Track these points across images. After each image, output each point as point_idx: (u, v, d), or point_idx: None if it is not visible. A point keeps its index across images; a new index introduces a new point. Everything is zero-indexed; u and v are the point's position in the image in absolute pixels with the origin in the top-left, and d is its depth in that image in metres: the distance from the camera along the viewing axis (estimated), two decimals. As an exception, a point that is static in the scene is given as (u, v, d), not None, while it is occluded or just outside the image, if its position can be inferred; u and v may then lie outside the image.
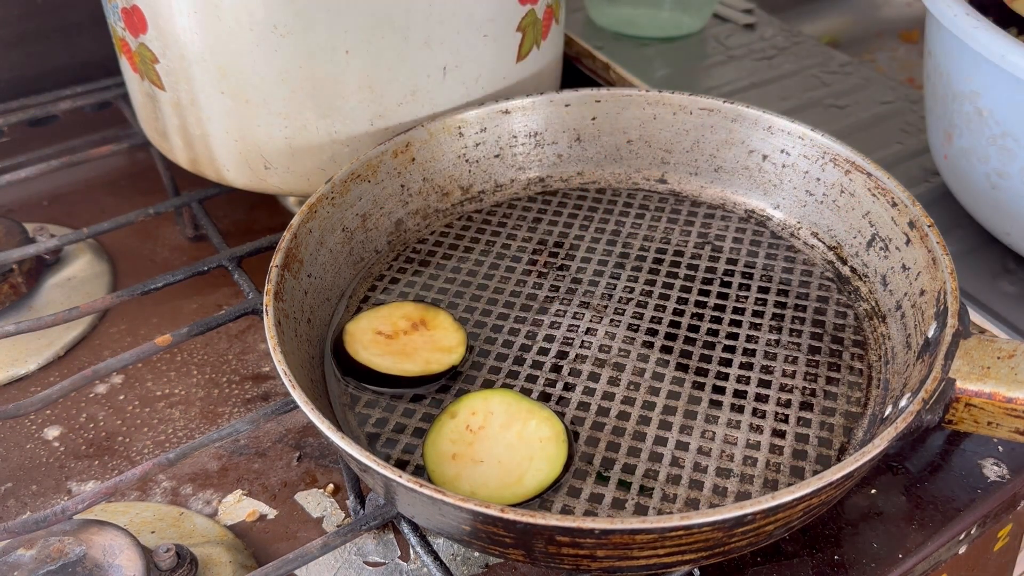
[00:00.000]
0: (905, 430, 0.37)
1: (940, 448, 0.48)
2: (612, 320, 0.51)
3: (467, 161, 0.58)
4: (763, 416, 0.45)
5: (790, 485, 0.35)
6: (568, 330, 0.50)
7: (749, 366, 0.48)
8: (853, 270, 0.52)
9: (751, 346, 0.49)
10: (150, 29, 0.53)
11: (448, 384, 0.47)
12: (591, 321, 0.51)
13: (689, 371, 0.48)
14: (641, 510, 0.41)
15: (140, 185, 0.71)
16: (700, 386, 0.47)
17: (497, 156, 0.59)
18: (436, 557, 0.41)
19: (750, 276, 0.53)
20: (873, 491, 0.46)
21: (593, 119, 0.59)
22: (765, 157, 0.57)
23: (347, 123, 0.55)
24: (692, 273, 0.54)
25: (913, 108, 0.72)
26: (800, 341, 0.49)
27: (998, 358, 0.41)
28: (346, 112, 0.54)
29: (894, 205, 0.50)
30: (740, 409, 0.45)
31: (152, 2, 0.52)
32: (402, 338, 0.48)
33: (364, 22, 0.51)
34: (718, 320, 0.50)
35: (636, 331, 0.50)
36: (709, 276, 0.53)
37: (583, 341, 0.49)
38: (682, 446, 0.44)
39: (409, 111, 0.56)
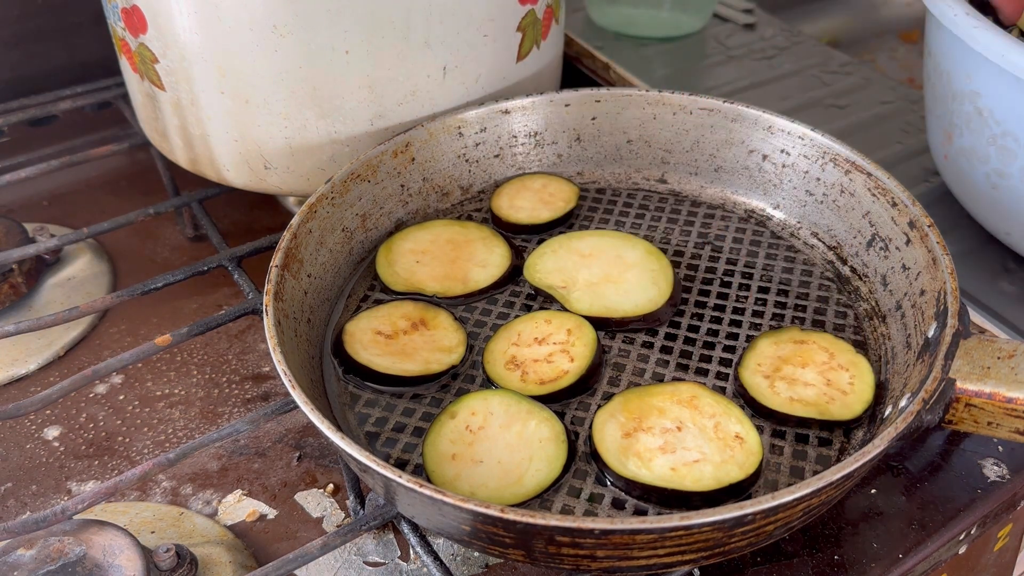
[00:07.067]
0: (905, 430, 0.37)
1: (940, 448, 0.48)
2: (612, 320, 0.51)
3: (467, 161, 0.58)
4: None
5: (790, 485, 0.35)
6: (568, 330, 0.50)
7: (749, 366, 0.48)
8: (853, 270, 0.52)
9: (751, 346, 0.49)
10: (150, 29, 0.53)
11: (448, 384, 0.47)
12: (591, 321, 0.50)
13: (689, 371, 0.48)
14: (641, 510, 0.41)
15: (140, 185, 0.71)
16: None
17: (497, 156, 0.59)
18: (436, 557, 0.41)
19: (750, 276, 0.53)
20: (873, 491, 0.46)
21: (593, 119, 0.59)
22: (765, 157, 0.57)
23: (347, 123, 0.55)
24: (692, 273, 0.54)
25: (913, 108, 0.72)
26: (800, 341, 0.49)
27: (998, 358, 0.41)
28: (346, 112, 0.54)
29: (894, 205, 0.50)
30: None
31: (152, 2, 0.52)
32: (402, 338, 0.48)
33: (364, 22, 0.51)
34: (718, 320, 0.50)
35: (636, 331, 0.50)
36: (709, 276, 0.53)
37: (583, 341, 0.49)
38: (682, 446, 0.44)
39: (409, 111, 0.56)
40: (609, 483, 0.42)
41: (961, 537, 0.45)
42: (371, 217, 0.54)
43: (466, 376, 0.48)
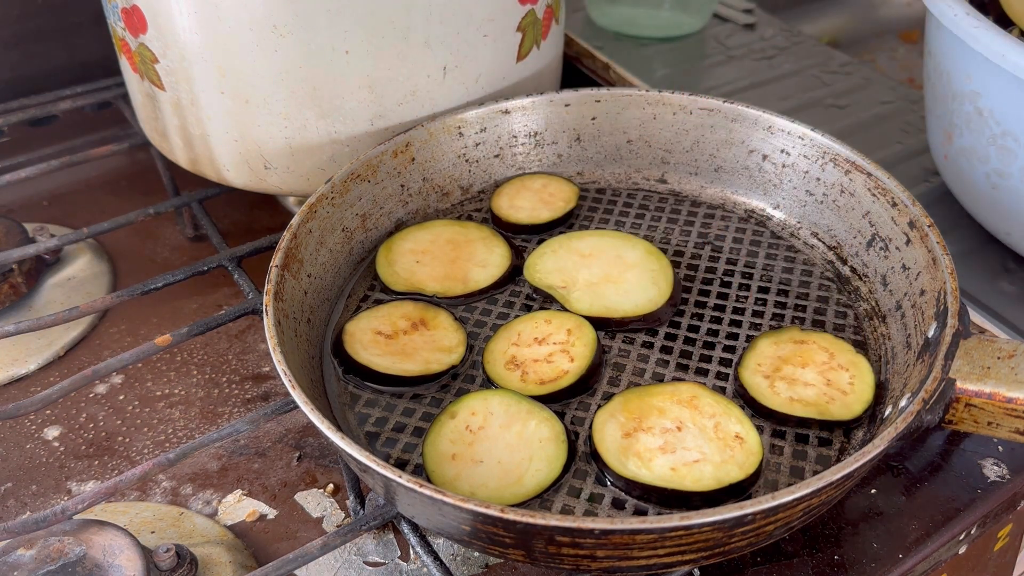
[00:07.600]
0: (905, 430, 0.37)
1: (940, 448, 0.48)
2: (612, 320, 0.51)
3: (467, 161, 0.58)
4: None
5: (790, 485, 0.35)
6: (568, 330, 0.50)
7: (749, 366, 0.48)
8: (853, 270, 0.52)
9: (751, 346, 0.49)
10: (150, 29, 0.53)
11: (448, 384, 0.47)
12: (591, 321, 0.50)
13: (689, 371, 0.48)
14: (641, 510, 0.41)
15: (140, 185, 0.71)
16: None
17: (497, 156, 0.59)
18: (436, 557, 0.41)
19: (750, 276, 0.53)
20: (873, 491, 0.46)
21: (593, 119, 0.59)
22: (765, 157, 0.57)
23: (347, 123, 0.55)
24: (692, 273, 0.54)
25: (913, 108, 0.72)
26: (800, 341, 0.49)
27: (998, 358, 0.41)
28: (346, 112, 0.54)
29: (894, 205, 0.50)
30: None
31: (152, 2, 0.52)
32: (402, 338, 0.48)
33: (364, 22, 0.51)
34: (718, 320, 0.50)
35: (636, 331, 0.50)
36: (709, 276, 0.53)
37: (583, 341, 0.49)
38: (682, 446, 0.44)
39: (409, 111, 0.56)
40: (609, 483, 0.42)
41: (961, 537, 0.45)
42: (371, 217, 0.54)
43: (466, 376, 0.48)
